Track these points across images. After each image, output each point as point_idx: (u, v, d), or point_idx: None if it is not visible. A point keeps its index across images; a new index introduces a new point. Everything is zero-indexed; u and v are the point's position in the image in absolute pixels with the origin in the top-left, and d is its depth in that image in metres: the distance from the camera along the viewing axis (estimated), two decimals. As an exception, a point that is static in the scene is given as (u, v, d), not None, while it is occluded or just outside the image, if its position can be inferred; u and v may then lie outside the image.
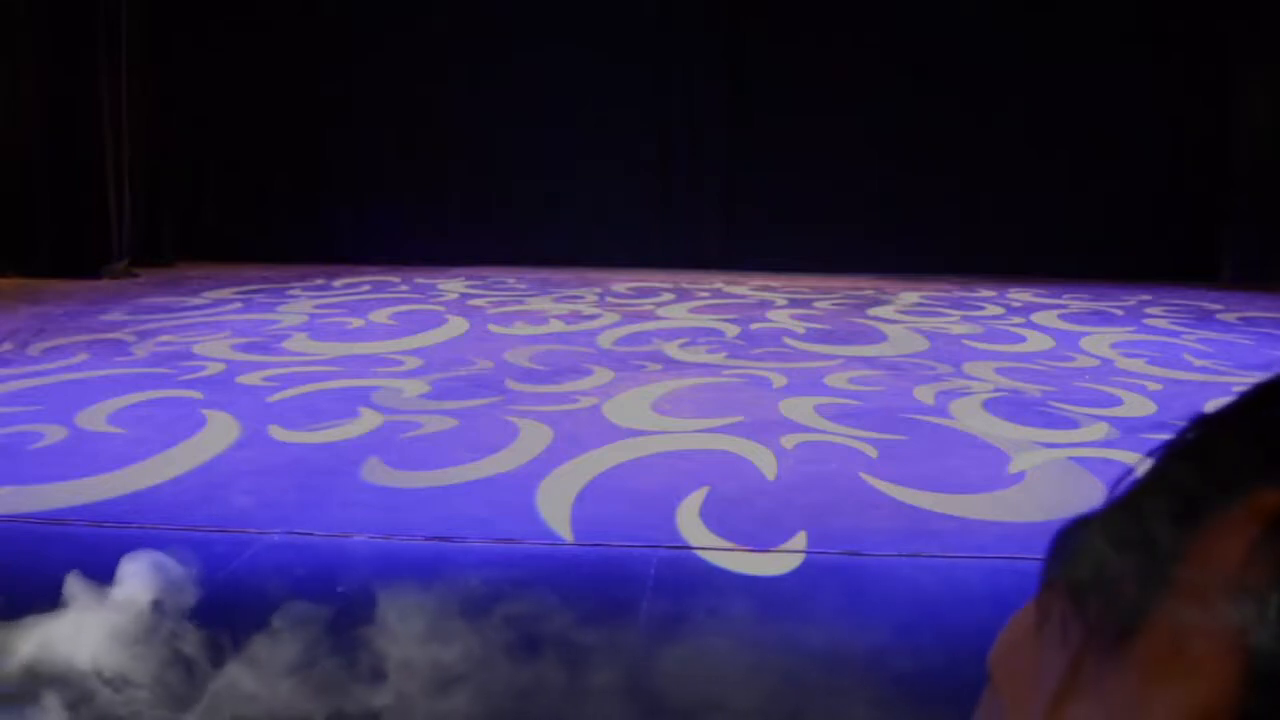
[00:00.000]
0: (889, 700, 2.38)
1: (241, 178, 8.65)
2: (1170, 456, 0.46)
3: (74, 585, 2.56)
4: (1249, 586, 0.40)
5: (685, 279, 8.03)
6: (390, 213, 8.60)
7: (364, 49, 8.53)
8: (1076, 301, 7.42)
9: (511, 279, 7.97)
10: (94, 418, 4.33)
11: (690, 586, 2.95)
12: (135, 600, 2.53)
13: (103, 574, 2.64)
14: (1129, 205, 8.44)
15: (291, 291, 7.38)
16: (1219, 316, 7.02)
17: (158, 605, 2.53)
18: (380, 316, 6.56)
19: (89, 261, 7.64)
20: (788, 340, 6.04)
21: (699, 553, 3.19)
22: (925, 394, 4.87)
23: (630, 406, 4.61)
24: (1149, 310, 7.19)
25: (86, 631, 2.42)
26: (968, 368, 5.41)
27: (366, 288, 7.55)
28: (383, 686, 2.31)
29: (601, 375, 5.14)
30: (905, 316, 6.81)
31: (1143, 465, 0.47)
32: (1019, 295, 7.61)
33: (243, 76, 8.50)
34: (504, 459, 3.92)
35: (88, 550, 3.10)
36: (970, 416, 4.53)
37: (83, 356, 5.35)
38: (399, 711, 2.24)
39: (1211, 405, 0.47)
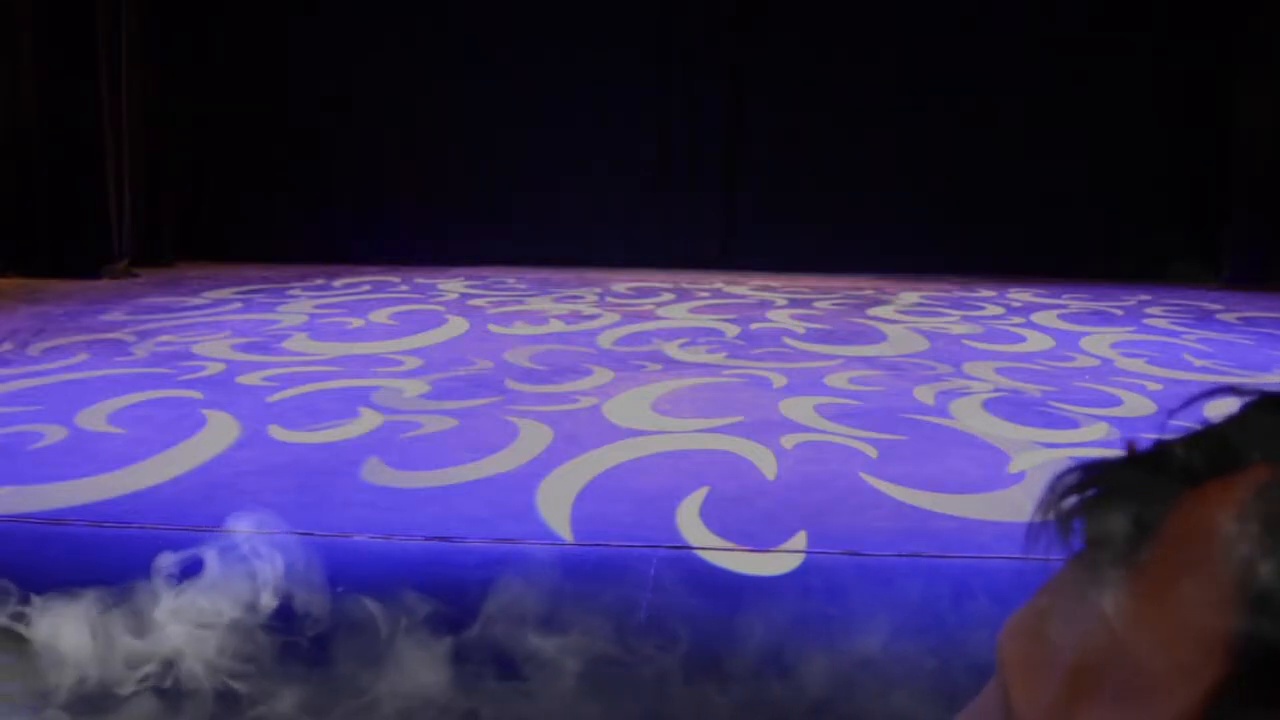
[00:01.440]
0: (888, 700, 2.38)
1: (241, 178, 8.65)
2: (1188, 435, 0.48)
3: (159, 579, 2.55)
4: (1237, 537, 0.41)
5: (685, 279, 8.03)
6: (390, 213, 8.60)
7: (364, 49, 8.53)
8: (1076, 301, 7.42)
9: (511, 279, 7.96)
10: (94, 418, 4.33)
11: (690, 586, 2.95)
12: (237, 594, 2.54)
13: (106, 573, 2.64)
14: (1129, 205, 8.44)
15: (291, 291, 7.38)
16: (1219, 316, 7.02)
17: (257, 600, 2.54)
18: (380, 316, 6.56)
19: (89, 261, 7.64)
20: (788, 340, 6.04)
21: (699, 553, 3.19)
22: (925, 394, 4.87)
23: (630, 406, 4.61)
24: (1149, 310, 7.19)
25: (193, 628, 2.42)
26: (968, 368, 5.41)
27: (366, 288, 7.55)
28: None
29: (601, 375, 5.14)
30: (905, 316, 6.81)
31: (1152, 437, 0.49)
32: (1019, 295, 7.61)
33: (243, 76, 8.49)
34: (504, 459, 3.92)
35: (88, 550, 3.11)
36: (970, 416, 4.53)
37: (83, 356, 5.35)
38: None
39: (1211, 408, 0.48)
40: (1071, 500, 0.49)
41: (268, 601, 2.52)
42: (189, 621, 2.43)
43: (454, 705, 2.34)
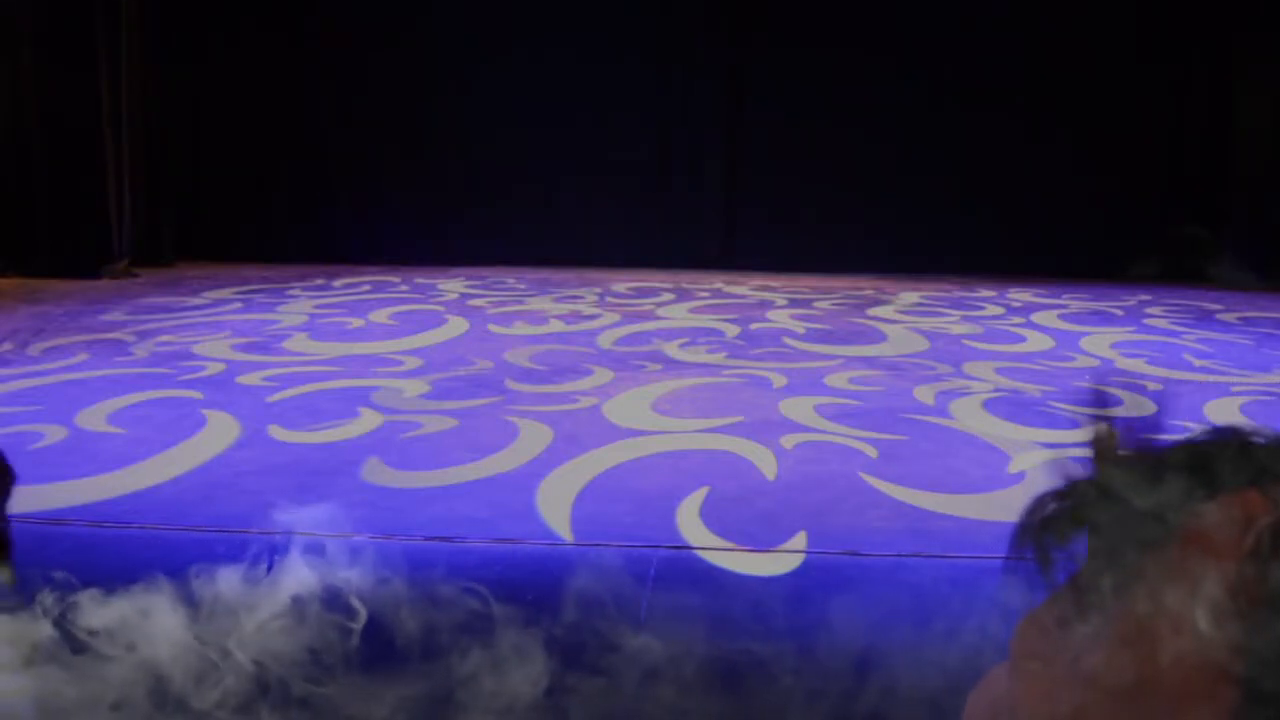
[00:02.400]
0: (888, 700, 2.38)
1: (241, 178, 8.65)
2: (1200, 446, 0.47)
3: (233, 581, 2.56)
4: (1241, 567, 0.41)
5: (685, 279, 8.03)
6: (390, 213, 8.60)
7: (364, 49, 8.53)
8: (1076, 301, 7.42)
9: (511, 279, 7.96)
10: (94, 418, 4.33)
11: (690, 586, 2.95)
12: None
13: (104, 575, 2.64)
14: (1129, 205, 8.44)
15: (291, 291, 7.38)
16: (1219, 316, 7.02)
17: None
18: (380, 316, 6.56)
19: (89, 261, 7.64)
20: (788, 340, 6.04)
21: (699, 553, 3.19)
22: (925, 394, 4.87)
23: (630, 406, 4.61)
24: (1149, 310, 7.19)
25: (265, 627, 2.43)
26: (968, 368, 5.41)
27: (366, 288, 7.55)
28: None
29: (601, 375, 5.14)
30: (905, 316, 6.81)
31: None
32: (1019, 295, 7.61)
33: (243, 76, 8.50)
34: (504, 459, 3.91)
35: (88, 550, 3.11)
36: (970, 416, 4.53)
37: (83, 356, 5.35)
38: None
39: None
40: (1057, 520, 0.48)
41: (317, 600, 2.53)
42: (239, 619, 2.43)
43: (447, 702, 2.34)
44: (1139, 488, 0.46)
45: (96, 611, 2.41)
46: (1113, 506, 0.46)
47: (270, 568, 2.63)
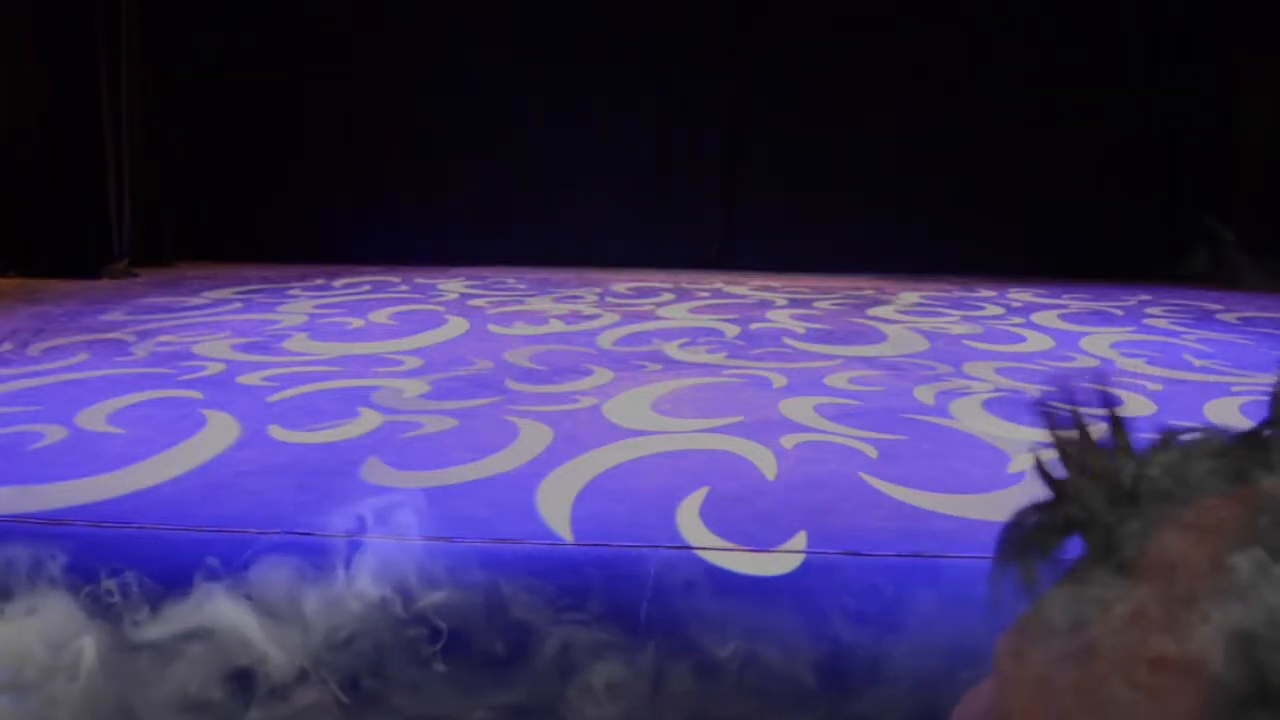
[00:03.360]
0: (888, 701, 2.38)
1: (241, 177, 8.65)
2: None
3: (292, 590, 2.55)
4: (1223, 571, 0.41)
5: (685, 279, 8.03)
6: (390, 213, 8.60)
7: (364, 49, 8.53)
8: (1076, 301, 7.42)
9: (511, 279, 7.97)
10: (94, 418, 4.33)
11: (690, 586, 2.95)
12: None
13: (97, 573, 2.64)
14: (1129, 205, 8.44)
15: (291, 291, 7.38)
16: (1219, 316, 7.02)
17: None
18: (380, 316, 6.56)
19: (89, 261, 7.64)
20: (788, 340, 6.04)
21: (699, 553, 3.18)
22: (925, 394, 4.87)
23: (630, 406, 4.61)
24: (1149, 310, 7.19)
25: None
26: (968, 368, 5.41)
27: (366, 288, 7.55)
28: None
29: (601, 375, 5.14)
30: (905, 316, 6.81)
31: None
32: (1019, 295, 7.61)
33: (243, 76, 8.50)
34: (504, 459, 3.91)
35: (88, 550, 3.10)
36: (970, 416, 4.53)
37: (83, 356, 5.35)
38: None
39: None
40: (1044, 529, 0.48)
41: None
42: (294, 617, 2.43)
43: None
44: (1125, 489, 0.46)
45: (155, 615, 2.41)
46: (1099, 511, 0.46)
47: (342, 568, 2.63)
